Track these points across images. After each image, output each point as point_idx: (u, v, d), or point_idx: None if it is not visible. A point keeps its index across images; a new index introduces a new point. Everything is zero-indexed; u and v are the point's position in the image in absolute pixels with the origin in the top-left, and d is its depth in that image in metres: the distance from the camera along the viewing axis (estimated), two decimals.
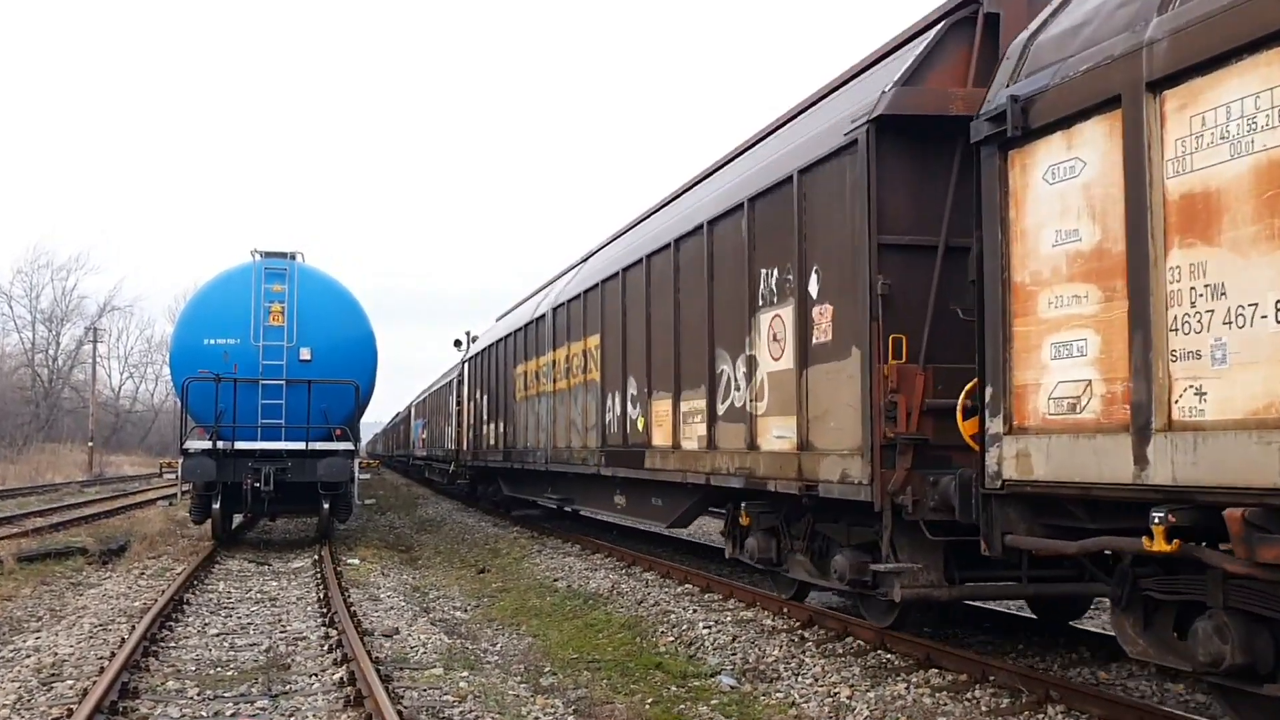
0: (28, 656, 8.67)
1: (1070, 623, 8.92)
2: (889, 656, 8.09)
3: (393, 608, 11.17)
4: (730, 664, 8.23)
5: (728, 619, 9.88)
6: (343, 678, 7.76)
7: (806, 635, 9.02)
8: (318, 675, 8.03)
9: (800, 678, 7.72)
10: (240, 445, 15.93)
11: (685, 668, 8.17)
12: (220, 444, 15.78)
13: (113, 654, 8.38)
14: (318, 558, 15.09)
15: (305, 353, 16.77)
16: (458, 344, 30.30)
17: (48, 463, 46.54)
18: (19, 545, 15.95)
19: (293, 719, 6.87)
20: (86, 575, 13.90)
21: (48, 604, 11.66)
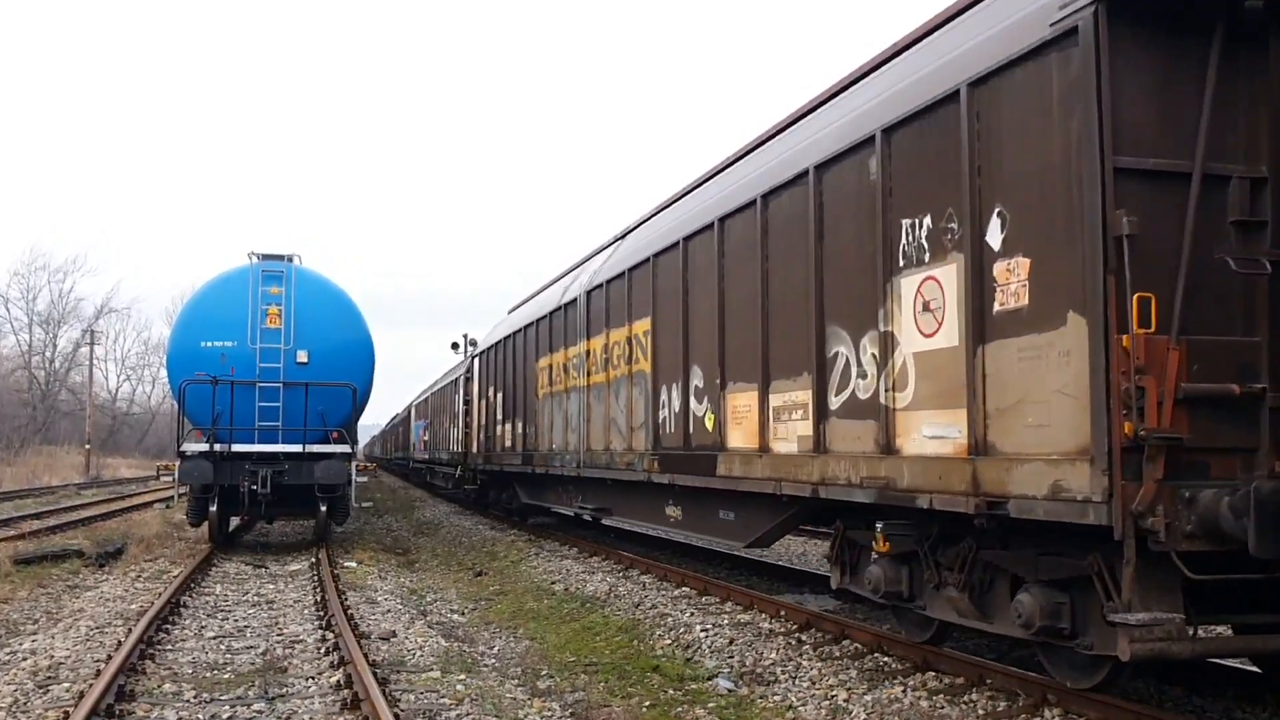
0: (24, 659, 8.65)
1: None
2: (886, 659, 8.09)
3: (390, 610, 11.17)
4: (728, 667, 8.23)
5: (725, 621, 9.88)
6: (340, 680, 7.76)
7: (804, 638, 9.02)
8: (315, 678, 8.03)
9: (797, 680, 7.72)
10: (237, 448, 15.93)
11: (683, 670, 8.17)
12: (217, 446, 15.78)
13: (109, 657, 8.38)
14: (315, 560, 15.10)
15: (302, 355, 16.76)
16: (455, 347, 30.32)
17: (44, 465, 46.58)
18: (15, 548, 15.95)
19: None
20: (83, 578, 13.87)
21: (44, 606, 11.64)
